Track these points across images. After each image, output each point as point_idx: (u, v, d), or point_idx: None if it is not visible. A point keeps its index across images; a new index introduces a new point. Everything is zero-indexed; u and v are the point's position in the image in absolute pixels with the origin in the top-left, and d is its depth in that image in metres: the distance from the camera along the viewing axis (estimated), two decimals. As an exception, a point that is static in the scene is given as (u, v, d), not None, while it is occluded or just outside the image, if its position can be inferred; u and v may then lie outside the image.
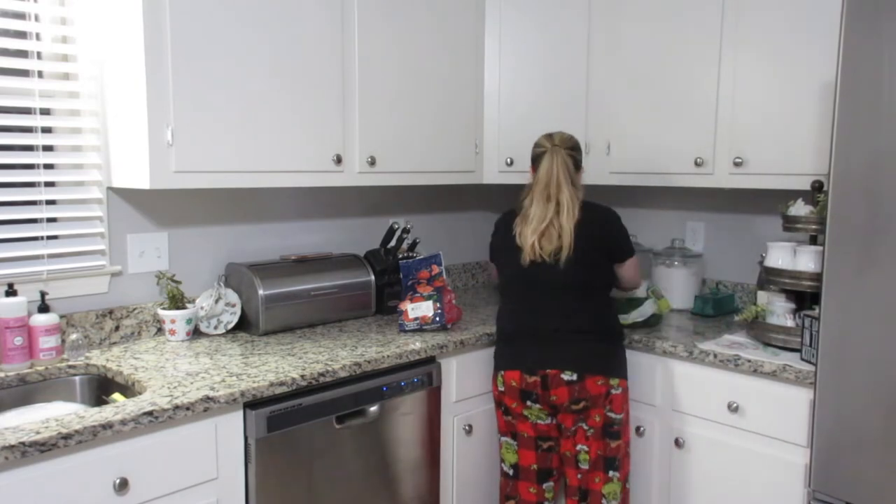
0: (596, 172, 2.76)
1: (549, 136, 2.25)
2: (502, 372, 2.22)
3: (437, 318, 2.36)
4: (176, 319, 2.20)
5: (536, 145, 2.27)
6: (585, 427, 2.13)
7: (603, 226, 2.20)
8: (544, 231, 2.15)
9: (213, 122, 2.03)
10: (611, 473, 2.15)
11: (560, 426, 2.19)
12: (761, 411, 2.09)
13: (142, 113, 1.92)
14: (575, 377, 2.10)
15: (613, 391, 2.13)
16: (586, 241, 2.15)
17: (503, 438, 2.29)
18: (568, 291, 2.16)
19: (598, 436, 2.13)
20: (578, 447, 2.15)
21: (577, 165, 2.26)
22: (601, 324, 2.17)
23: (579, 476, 2.16)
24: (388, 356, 2.10)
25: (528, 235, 2.17)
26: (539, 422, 2.20)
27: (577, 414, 2.13)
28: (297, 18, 2.18)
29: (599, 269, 2.20)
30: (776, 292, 2.28)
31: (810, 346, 2.02)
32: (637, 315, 2.42)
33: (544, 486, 2.25)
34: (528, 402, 2.18)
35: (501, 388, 2.23)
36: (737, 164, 2.39)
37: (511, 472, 2.28)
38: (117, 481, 1.56)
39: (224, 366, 1.96)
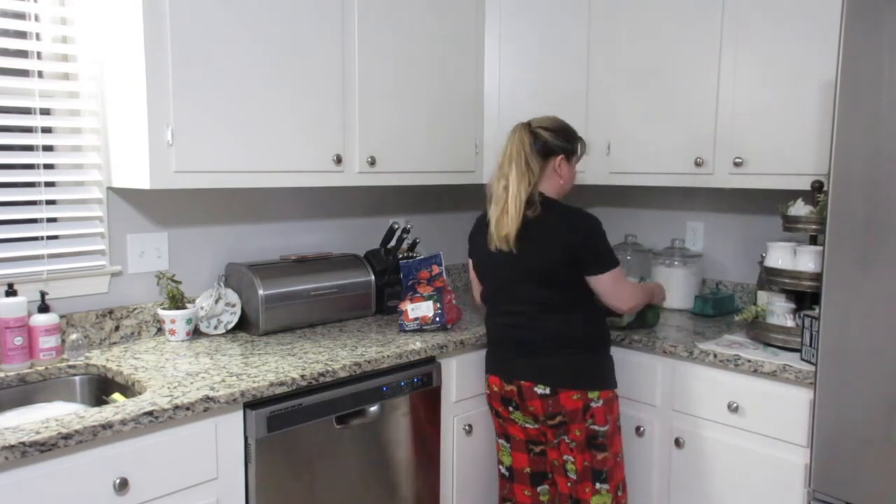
0: (596, 172, 2.76)
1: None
2: (487, 376, 2.21)
3: (438, 319, 2.36)
4: (176, 319, 2.20)
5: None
6: (567, 440, 2.09)
7: (572, 232, 2.01)
8: (500, 214, 2.03)
9: (213, 122, 2.03)
10: (598, 485, 2.09)
11: (546, 434, 2.15)
12: (761, 411, 2.09)
13: (142, 113, 1.92)
14: (548, 391, 2.04)
15: (593, 404, 2.04)
16: (551, 252, 2.00)
17: (499, 440, 2.28)
18: (542, 298, 2.05)
19: (581, 448, 2.07)
20: (565, 458, 2.11)
21: (548, 149, 2.07)
22: (581, 333, 2.06)
23: (569, 484, 2.14)
24: (388, 356, 2.10)
25: (492, 218, 2.06)
26: (527, 426, 2.17)
27: (555, 428, 2.08)
28: (297, 18, 2.18)
29: (568, 282, 2.04)
30: (776, 292, 2.28)
31: (810, 346, 2.01)
32: (628, 316, 2.39)
33: (539, 489, 2.24)
34: (510, 409, 2.17)
35: (488, 392, 2.22)
36: (737, 164, 2.39)
37: (507, 473, 2.27)
38: (117, 481, 1.56)
39: (224, 366, 1.96)
